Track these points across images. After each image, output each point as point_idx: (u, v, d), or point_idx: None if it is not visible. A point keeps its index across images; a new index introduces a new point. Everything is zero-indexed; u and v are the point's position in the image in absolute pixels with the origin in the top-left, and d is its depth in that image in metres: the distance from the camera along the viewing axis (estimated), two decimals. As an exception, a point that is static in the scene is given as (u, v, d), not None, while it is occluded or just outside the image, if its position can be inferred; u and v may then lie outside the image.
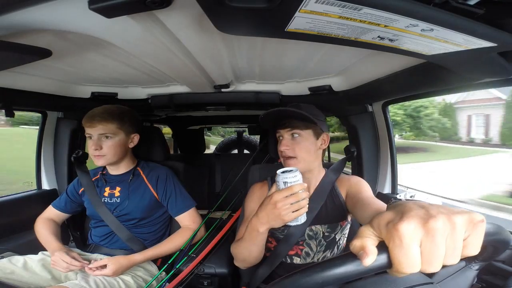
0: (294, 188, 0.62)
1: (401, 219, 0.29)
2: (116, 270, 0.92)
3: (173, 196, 1.09)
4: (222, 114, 2.07)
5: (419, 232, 0.28)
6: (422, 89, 0.87)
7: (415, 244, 0.28)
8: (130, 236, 1.05)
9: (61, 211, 1.12)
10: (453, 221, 0.28)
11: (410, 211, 0.30)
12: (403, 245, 0.28)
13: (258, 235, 0.70)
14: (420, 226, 0.28)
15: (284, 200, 0.62)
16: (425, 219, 0.28)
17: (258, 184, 0.96)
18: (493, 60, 0.49)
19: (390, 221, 0.30)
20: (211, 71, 0.94)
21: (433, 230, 0.27)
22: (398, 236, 0.28)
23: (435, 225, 0.27)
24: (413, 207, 0.30)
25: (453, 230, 0.28)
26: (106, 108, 1.01)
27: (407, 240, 0.28)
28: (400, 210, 0.31)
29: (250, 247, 0.75)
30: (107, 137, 1.00)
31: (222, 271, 1.06)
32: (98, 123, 0.98)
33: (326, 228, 0.85)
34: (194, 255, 1.07)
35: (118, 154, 1.04)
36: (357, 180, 0.89)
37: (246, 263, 0.81)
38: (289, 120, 0.83)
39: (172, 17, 0.52)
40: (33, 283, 0.89)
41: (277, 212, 0.62)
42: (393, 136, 1.22)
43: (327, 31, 0.42)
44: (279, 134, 0.86)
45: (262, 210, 0.67)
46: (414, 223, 0.28)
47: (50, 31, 0.55)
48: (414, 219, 0.28)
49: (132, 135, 1.08)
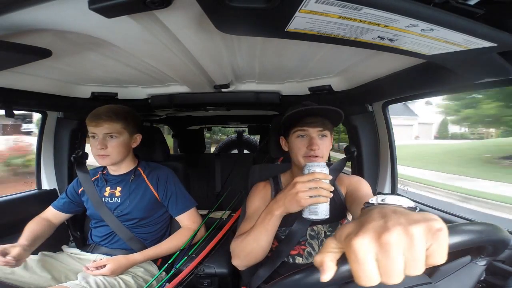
0: (317, 174, 0.62)
1: (357, 233, 0.28)
2: (114, 269, 0.92)
3: (174, 196, 1.09)
4: (222, 114, 2.07)
5: (373, 247, 0.27)
6: (422, 89, 0.87)
7: (369, 259, 0.27)
8: (131, 236, 1.05)
9: (60, 211, 1.12)
10: (409, 232, 0.27)
11: (368, 224, 0.29)
12: (358, 260, 0.27)
13: (271, 219, 0.69)
14: (374, 240, 0.28)
15: (304, 183, 0.62)
16: (379, 232, 0.28)
17: (261, 183, 0.96)
18: (493, 60, 0.49)
19: (348, 235, 0.30)
20: (211, 71, 0.94)
21: (387, 244, 0.27)
22: (353, 251, 0.28)
23: (388, 239, 0.27)
24: (373, 218, 0.30)
25: (410, 242, 0.27)
26: (111, 108, 1.01)
27: (361, 255, 0.27)
28: (361, 221, 0.31)
29: (260, 235, 0.71)
30: (112, 136, 1.00)
31: (222, 271, 1.06)
32: (104, 122, 0.97)
33: (327, 227, 0.85)
34: (194, 255, 1.07)
35: (121, 154, 1.04)
36: (357, 179, 0.89)
37: (250, 258, 0.76)
38: (321, 119, 0.82)
39: (172, 17, 0.52)
40: (33, 283, 0.89)
41: (295, 192, 0.62)
42: (393, 136, 1.22)
43: (327, 31, 0.42)
44: (304, 132, 0.82)
45: (281, 193, 0.67)
46: (368, 238, 0.28)
47: (50, 31, 0.55)
48: (369, 233, 0.28)
49: (135, 135, 1.08)
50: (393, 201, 0.36)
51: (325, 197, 0.62)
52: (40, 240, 1.00)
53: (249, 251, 0.75)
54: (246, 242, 0.74)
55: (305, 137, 0.82)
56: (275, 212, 0.68)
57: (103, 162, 1.03)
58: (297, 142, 0.83)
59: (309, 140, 0.81)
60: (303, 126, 0.82)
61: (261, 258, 0.77)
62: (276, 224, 0.70)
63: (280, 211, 0.67)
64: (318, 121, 0.81)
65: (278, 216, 0.68)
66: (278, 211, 0.67)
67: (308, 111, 0.80)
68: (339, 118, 0.83)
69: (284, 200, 0.65)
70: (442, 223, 0.28)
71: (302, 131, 0.82)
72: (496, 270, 0.64)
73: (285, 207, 0.66)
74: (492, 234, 0.36)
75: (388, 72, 0.84)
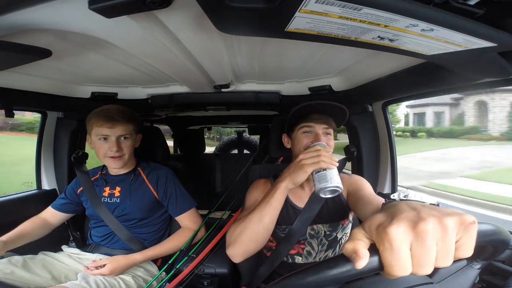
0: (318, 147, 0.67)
1: (391, 222, 0.29)
2: (113, 269, 0.92)
3: (174, 196, 1.09)
4: (222, 114, 2.07)
5: (409, 235, 0.28)
6: (422, 89, 0.87)
7: (405, 247, 0.28)
8: (130, 236, 1.05)
9: (59, 211, 1.12)
10: (444, 223, 0.28)
11: (401, 214, 0.29)
12: (393, 248, 0.28)
13: (276, 192, 0.70)
14: (410, 229, 0.28)
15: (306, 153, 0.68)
16: (415, 221, 0.28)
17: (262, 180, 0.96)
18: (493, 60, 0.49)
19: (380, 224, 0.30)
20: (211, 71, 0.94)
21: (423, 233, 0.27)
22: (388, 240, 0.28)
23: (424, 228, 0.27)
24: (404, 209, 0.30)
25: (444, 232, 0.27)
26: (120, 109, 1.00)
27: (397, 244, 0.28)
28: (391, 212, 0.31)
29: (263, 211, 0.69)
30: (125, 138, 1.00)
31: (222, 271, 1.06)
32: (119, 124, 0.97)
33: (327, 227, 0.85)
34: (194, 255, 1.07)
35: (131, 154, 1.05)
36: (358, 178, 0.89)
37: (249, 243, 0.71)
38: (326, 117, 0.83)
39: (172, 17, 0.52)
40: (33, 283, 0.89)
41: (298, 161, 0.68)
42: (393, 136, 1.22)
43: (327, 31, 0.42)
44: (310, 128, 0.83)
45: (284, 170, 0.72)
46: (404, 226, 0.28)
47: (50, 31, 0.55)
48: (404, 222, 0.28)
49: (138, 135, 1.10)
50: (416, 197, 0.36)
51: (326, 163, 0.65)
52: (26, 239, 0.99)
53: (250, 233, 0.70)
54: (247, 221, 0.70)
55: (311, 133, 0.83)
56: (281, 183, 0.70)
57: (117, 165, 1.02)
58: (302, 137, 0.83)
59: (315, 136, 0.81)
60: (309, 122, 0.82)
61: (262, 244, 0.72)
62: (281, 199, 0.70)
63: (286, 182, 0.69)
64: (324, 118, 0.82)
65: (284, 188, 0.70)
66: (284, 183, 0.69)
67: (316, 107, 0.81)
68: (344, 117, 0.84)
69: (289, 171, 0.69)
70: (473, 217, 0.29)
71: (308, 127, 0.83)
72: (496, 270, 0.64)
73: (290, 177, 0.68)
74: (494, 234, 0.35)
75: (388, 72, 0.84)
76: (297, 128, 0.85)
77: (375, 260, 0.29)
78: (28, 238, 1.00)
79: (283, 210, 0.75)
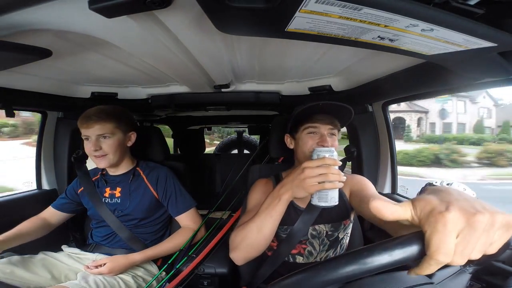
0: (327, 160, 0.60)
1: (448, 207, 0.29)
2: (112, 268, 0.92)
3: (173, 196, 1.09)
4: (222, 114, 2.07)
5: (462, 223, 0.29)
6: (422, 89, 0.87)
7: (454, 233, 0.28)
8: (131, 236, 1.05)
9: (59, 211, 1.12)
10: (494, 219, 0.28)
11: (457, 202, 0.30)
12: (445, 231, 0.28)
13: (277, 204, 0.66)
14: (465, 218, 0.29)
15: (313, 168, 0.60)
16: (471, 212, 0.29)
17: (263, 180, 0.95)
18: (493, 60, 0.49)
19: (434, 208, 0.30)
20: (211, 71, 0.94)
21: (478, 223, 0.28)
22: (443, 222, 0.28)
23: (481, 219, 0.28)
24: (459, 199, 0.31)
25: (491, 227, 0.28)
26: (101, 108, 1.00)
27: (450, 227, 0.28)
28: (445, 198, 0.31)
29: (263, 222, 0.68)
30: (105, 137, 0.99)
31: (222, 271, 1.06)
32: (95, 123, 0.97)
33: (329, 227, 0.85)
34: (194, 255, 1.07)
35: (118, 153, 1.03)
36: (360, 178, 0.89)
37: (250, 249, 0.72)
38: (331, 118, 0.82)
39: (172, 17, 0.52)
40: (33, 283, 0.89)
41: (303, 177, 0.60)
42: (393, 136, 1.22)
43: (327, 31, 0.42)
44: (315, 129, 0.82)
45: (288, 178, 0.66)
46: (461, 214, 0.29)
47: (50, 31, 0.55)
48: (461, 210, 0.29)
49: (129, 133, 1.08)
50: (460, 187, 0.37)
51: (333, 183, 0.60)
52: (24, 238, 0.98)
53: (251, 241, 0.70)
54: (247, 230, 0.70)
55: (316, 134, 0.82)
56: (282, 196, 0.66)
57: (101, 164, 1.02)
58: (307, 138, 0.82)
59: (320, 137, 0.80)
60: (315, 123, 0.81)
61: (262, 250, 0.73)
62: (282, 211, 0.68)
63: (288, 195, 0.65)
64: (329, 118, 0.81)
65: (285, 201, 0.66)
66: (286, 195, 0.65)
67: (322, 107, 0.80)
68: (349, 117, 0.83)
69: (292, 184, 0.63)
70: None
71: (314, 127, 0.82)
72: (496, 270, 0.64)
73: (292, 191, 0.64)
74: None
75: (388, 72, 0.84)
76: (302, 128, 0.84)
77: (414, 248, 0.30)
78: (27, 237, 1.00)
79: (285, 211, 0.75)
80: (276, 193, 0.67)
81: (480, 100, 19.26)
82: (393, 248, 0.30)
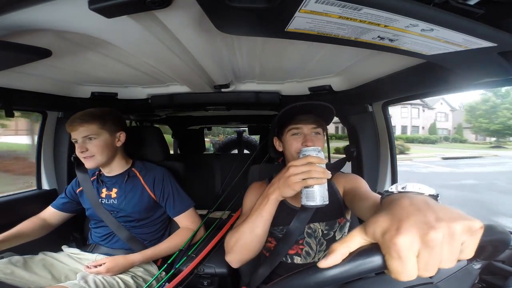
0: (309, 158, 0.61)
1: (398, 230, 0.28)
2: (110, 268, 0.92)
3: (171, 197, 1.09)
4: (222, 114, 2.07)
5: (417, 244, 0.28)
6: (422, 89, 0.87)
7: (412, 256, 0.27)
8: (130, 237, 1.05)
9: (59, 211, 1.12)
10: (452, 229, 0.27)
11: (408, 219, 0.29)
12: (401, 257, 0.27)
13: (266, 204, 0.68)
14: (419, 237, 0.28)
15: (297, 166, 0.61)
16: (424, 230, 0.28)
17: (257, 183, 0.96)
18: (493, 60, 0.49)
19: (386, 231, 0.29)
20: (211, 71, 0.94)
21: (433, 241, 0.27)
22: (396, 250, 0.28)
23: (435, 237, 0.27)
24: (410, 213, 0.30)
25: (451, 238, 0.27)
26: (86, 111, 1.01)
27: (405, 254, 0.27)
28: (396, 215, 0.30)
29: (255, 222, 0.69)
30: (90, 138, 1.00)
31: (222, 271, 1.06)
32: (79, 125, 0.97)
33: (324, 225, 0.85)
34: (194, 255, 1.07)
35: (106, 154, 1.03)
36: (353, 176, 0.89)
37: (244, 251, 0.73)
38: (314, 117, 0.82)
39: (172, 17, 0.52)
40: (33, 283, 0.89)
41: (287, 175, 0.62)
42: (393, 136, 1.22)
43: (327, 31, 0.42)
44: (298, 130, 0.83)
45: (275, 178, 0.67)
46: (412, 236, 0.28)
47: (50, 31, 0.55)
48: (412, 230, 0.28)
49: (118, 133, 1.06)
50: (414, 188, 0.36)
51: (316, 179, 0.60)
52: (23, 238, 0.99)
53: (244, 242, 0.72)
54: (240, 232, 0.72)
55: (299, 135, 0.82)
56: (270, 196, 0.67)
57: (89, 165, 1.02)
58: (291, 140, 0.83)
59: (304, 137, 0.81)
60: (297, 124, 0.82)
61: (256, 251, 0.74)
62: (272, 210, 0.69)
63: (276, 194, 0.67)
64: (311, 118, 0.82)
65: (273, 200, 0.68)
66: (274, 195, 0.67)
67: (302, 107, 0.80)
68: (330, 115, 0.83)
69: (278, 183, 0.65)
70: (481, 223, 0.29)
71: (296, 128, 0.82)
72: (496, 270, 0.64)
73: (279, 190, 0.65)
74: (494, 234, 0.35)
75: (388, 72, 0.84)
76: (286, 130, 0.84)
77: (378, 259, 0.29)
78: (25, 237, 1.00)
79: (280, 212, 0.74)
80: (265, 193, 0.69)
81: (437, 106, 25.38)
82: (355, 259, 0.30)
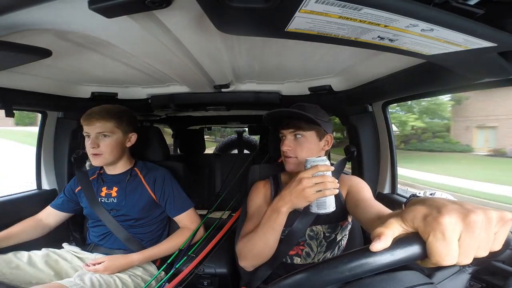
0: (320, 167, 0.63)
1: (441, 212, 0.29)
2: (108, 266, 0.92)
3: (171, 198, 1.09)
4: (222, 114, 2.07)
5: (459, 226, 0.28)
6: (422, 89, 0.87)
7: (455, 237, 0.28)
8: (128, 236, 1.05)
9: (59, 210, 1.12)
10: (489, 216, 0.29)
11: (447, 206, 0.30)
12: (445, 238, 0.28)
13: (278, 217, 0.69)
14: (461, 220, 0.29)
15: (310, 178, 0.63)
16: (464, 213, 0.29)
17: (261, 182, 0.96)
18: (493, 60, 0.49)
19: (427, 215, 0.30)
20: (211, 71, 0.94)
21: (474, 223, 0.28)
22: (440, 230, 0.28)
23: (476, 219, 0.28)
24: (446, 202, 0.31)
25: (488, 224, 0.29)
26: (104, 107, 1.01)
27: (450, 233, 0.28)
28: (433, 204, 0.31)
29: (266, 235, 0.72)
30: (105, 135, 1.00)
31: (222, 271, 1.06)
32: (96, 121, 0.98)
33: (326, 228, 0.85)
34: (193, 255, 1.07)
35: (115, 153, 1.03)
36: (358, 181, 0.89)
37: (258, 258, 0.76)
38: (292, 121, 0.83)
39: (172, 17, 0.52)
40: (35, 279, 0.90)
41: (301, 188, 0.63)
42: (393, 136, 1.22)
43: (327, 31, 0.42)
44: (282, 134, 0.87)
45: (286, 190, 0.68)
46: (455, 217, 0.29)
47: (50, 31, 0.55)
48: (455, 212, 0.29)
49: (130, 134, 1.08)
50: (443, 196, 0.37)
51: (331, 190, 0.63)
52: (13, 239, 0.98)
53: (258, 252, 0.75)
54: (253, 242, 0.74)
55: (283, 138, 0.87)
56: (281, 209, 0.68)
57: (96, 162, 1.02)
58: (280, 143, 0.88)
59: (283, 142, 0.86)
60: (280, 129, 0.87)
61: (269, 256, 0.77)
62: (282, 222, 0.70)
63: (287, 207, 0.68)
64: (291, 122, 0.84)
65: (285, 213, 0.69)
66: (285, 208, 0.68)
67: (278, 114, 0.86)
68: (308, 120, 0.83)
69: (291, 197, 0.66)
70: (511, 214, 0.30)
71: (281, 133, 0.88)
72: (496, 270, 0.64)
73: (292, 203, 0.67)
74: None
75: (388, 72, 0.84)
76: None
77: (415, 248, 0.29)
78: (16, 239, 0.99)
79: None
80: (275, 205, 0.70)
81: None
82: (394, 248, 0.30)
